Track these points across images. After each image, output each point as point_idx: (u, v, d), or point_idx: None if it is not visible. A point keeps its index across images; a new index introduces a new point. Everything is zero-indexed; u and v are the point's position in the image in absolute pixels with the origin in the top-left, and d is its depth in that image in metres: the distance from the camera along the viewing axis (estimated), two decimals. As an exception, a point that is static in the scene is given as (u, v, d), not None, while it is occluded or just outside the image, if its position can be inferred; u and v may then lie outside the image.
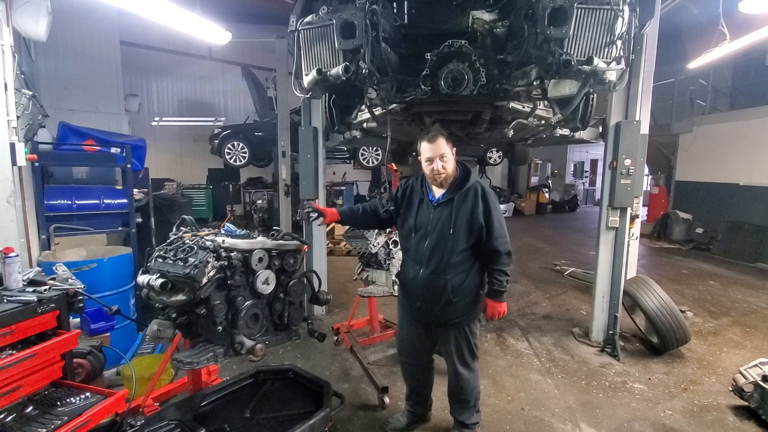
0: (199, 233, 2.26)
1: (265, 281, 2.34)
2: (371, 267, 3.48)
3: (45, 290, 2.00)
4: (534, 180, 16.69)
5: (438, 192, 2.30)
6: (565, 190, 17.29)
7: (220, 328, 2.18)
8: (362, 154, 10.30)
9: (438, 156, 2.21)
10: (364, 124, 3.16)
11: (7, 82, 2.32)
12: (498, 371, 3.54)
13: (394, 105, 2.59)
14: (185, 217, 2.36)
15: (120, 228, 4.20)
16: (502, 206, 14.74)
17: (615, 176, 3.85)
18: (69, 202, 3.85)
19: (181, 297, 2.09)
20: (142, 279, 2.16)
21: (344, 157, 11.98)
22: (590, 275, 6.31)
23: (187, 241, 2.17)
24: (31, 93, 2.46)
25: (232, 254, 2.22)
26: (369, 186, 15.59)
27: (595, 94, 2.83)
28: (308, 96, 2.71)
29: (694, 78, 10.39)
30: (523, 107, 2.66)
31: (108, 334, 3.11)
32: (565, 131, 3.44)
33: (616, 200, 3.86)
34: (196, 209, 13.78)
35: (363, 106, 2.85)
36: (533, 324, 4.65)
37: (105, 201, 4.03)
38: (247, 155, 10.64)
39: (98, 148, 4.05)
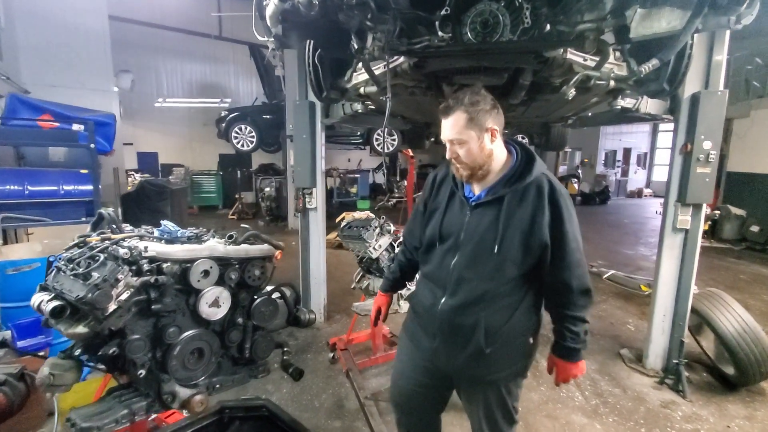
0: (113, 236, 1.58)
1: (214, 303, 1.67)
2: (372, 274, 2.77)
3: None
4: (562, 169, 15.62)
5: (480, 185, 1.49)
6: (595, 181, 16.12)
7: (142, 372, 1.52)
8: (376, 139, 9.55)
9: (449, 140, 1.43)
10: (362, 89, 2.39)
11: None
12: (531, 409, 2.80)
13: (400, 58, 1.85)
14: (102, 211, 1.70)
15: (84, 219, 3.60)
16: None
17: (689, 163, 3.01)
18: (20, 188, 3.27)
19: (81, 329, 1.43)
20: (35, 299, 1.51)
21: (358, 143, 11.26)
22: (634, 280, 5.48)
23: (94, 246, 1.50)
24: None
25: (164, 266, 1.55)
26: (386, 173, 14.90)
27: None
28: (277, 43, 1.97)
29: (750, 57, 9.14)
30: (585, 60, 1.85)
31: (44, 352, 2.53)
32: (629, 102, 2.61)
33: (690, 194, 3.02)
34: (205, 196, 13.41)
35: (358, 63, 2.09)
36: (571, 342, 3.87)
37: (64, 187, 3.43)
38: (254, 139, 10.02)
39: (57, 124, 3.44)
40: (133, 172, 10.44)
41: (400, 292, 2.51)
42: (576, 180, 15.13)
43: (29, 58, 5.35)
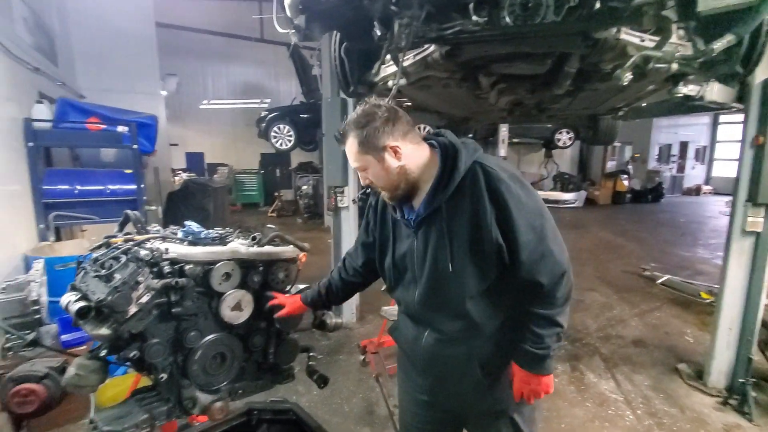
0: (136, 237, 1.57)
1: (236, 306, 1.62)
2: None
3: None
4: (610, 165, 14.69)
5: (417, 200, 1.26)
6: (647, 177, 15.04)
7: (163, 376, 1.50)
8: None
9: (356, 168, 1.26)
10: (390, 82, 2.26)
11: None
12: (575, 427, 2.59)
13: (430, 47, 1.71)
14: (128, 211, 1.70)
15: (128, 217, 3.74)
16: (570, 195, 13.00)
17: (761, 158, 2.65)
18: (70, 188, 3.45)
19: (104, 331, 1.43)
20: (64, 299, 1.53)
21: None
22: (693, 286, 5.01)
23: (117, 247, 1.50)
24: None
25: (186, 268, 1.52)
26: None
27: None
28: (299, 35, 1.88)
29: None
30: (643, 40, 1.61)
31: (87, 345, 2.63)
32: (692, 89, 2.32)
33: (762, 193, 2.65)
34: (247, 194, 13.86)
35: (386, 54, 1.96)
36: (621, 353, 3.57)
37: (110, 187, 3.58)
38: (293, 138, 10.19)
39: (103, 126, 3.60)
40: (180, 171, 10.95)
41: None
42: (626, 176, 14.19)
43: (84, 64, 5.70)
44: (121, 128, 3.64)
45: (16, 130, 3.25)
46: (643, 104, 3.43)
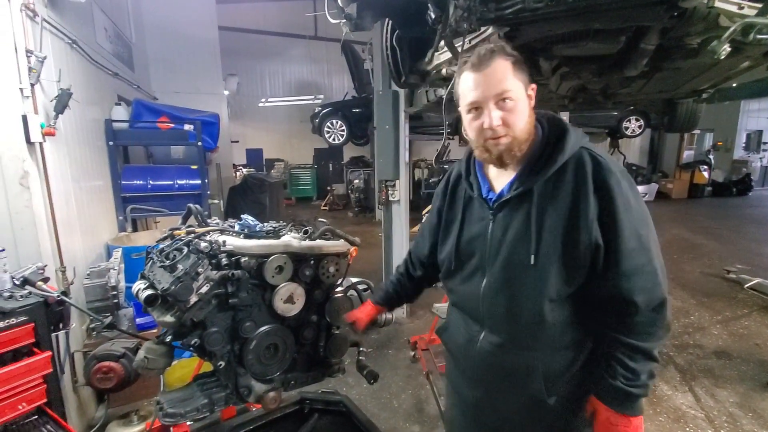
0: (197, 229, 1.64)
1: (289, 299, 1.65)
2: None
3: (22, 296, 1.62)
4: (687, 155, 13.31)
5: (500, 178, 1.11)
6: (732, 168, 13.45)
7: (221, 363, 1.57)
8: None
9: (493, 97, 0.99)
10: (444, 70, 2.15)
11: (16, 43, 1.99)
12: (645, 442, 2.36)
13: (488, 29, 1.59)
14: (191, 205, 1.78)
15: (193, 210, 4.01)
16: (640, 188, 11.98)
17: None
18: (144, 183, 3.73)
19: (168, 318, 1.51)
20: (135, 287, 1.64)
21: (447, 132, 10.93)
22: (792, 292, 4.39)
23: (180, 239, 1.57)
24: (43, 56, 2.09)
25: (242, 261, 1.57)
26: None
27: None
28: (351, 25, 1.84)
29: None
30: (742, 7, 1.37)
31: (157, 330, 2.85)
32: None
33: None
34: (301, 188, 14.34)
35: (440, 41, 1.86)
36: (700, 364, 3.21)
37: (178, 182, 3.83)
38: (345, 133, 10.35)
39: (172, 125, 3.85)
40: (241, 167, 11.55)
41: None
42: (706, 167, 12.78)
43: (156, 68, 6.17)
44: (187, 126, 3.87)
45: (98, 131, 3.57)
46: (733, 84, 3.03)
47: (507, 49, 1.01)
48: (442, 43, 1.80)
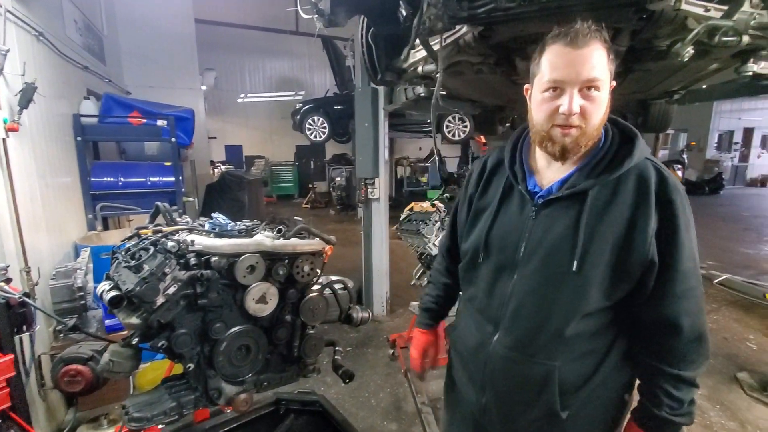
0: (165, 228, 1.59)
1: (261, 299, 1.61)
2: (433, 271, 2.58)
3: (-24, 299, 1.54)
4: (662, 154, 13.73)
5: (548, 173, 1.04)
6: (704, 167, 13.95)
7: (190, 366, 1.52)
8: (447, 126, 9.18)
9: (582, 81, 0.91)
10: (420, 68, 2.15)
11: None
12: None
13: (462, 28, 1.59)
14: (159, 203, 1.73)
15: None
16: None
17: None
18: (115, 180, 3.61)
19: (134, 320, 1.46)
20: (99, 288, 1.58)
21: (429, 130, 10.97)
22: (758, 287, 4.57)
23: (147, 238, 1.52)
24: (6, 48, 1.99)
25: (212, 260, 1.52)
26: (458, 162, 14.40)
27: None
28: (325, 21, 1.81)
29: None
30: (708, 10, 1.38)
31: (126, 332, 2.76)
32: (764, 67, 2.05)
33: None
34: (283, 186, 14.16)
35: (415, 39, 1.85)
36: (670, 357, 3.31)
37: (151, 179, 3.72)
38: (326, 130, 10.26)
39: (144, 120, 3.73)
40: (219, 164, 11.33)
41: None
42: (680, 166, 13.22)
43: (129, 62, 5.98)
44: (160, 122, 3.76)
45: (66, 126, 3.43)
46: (703, 86, 3.11)
47: (605, 34, 0.93)
48: (418, 41, 1.79)
